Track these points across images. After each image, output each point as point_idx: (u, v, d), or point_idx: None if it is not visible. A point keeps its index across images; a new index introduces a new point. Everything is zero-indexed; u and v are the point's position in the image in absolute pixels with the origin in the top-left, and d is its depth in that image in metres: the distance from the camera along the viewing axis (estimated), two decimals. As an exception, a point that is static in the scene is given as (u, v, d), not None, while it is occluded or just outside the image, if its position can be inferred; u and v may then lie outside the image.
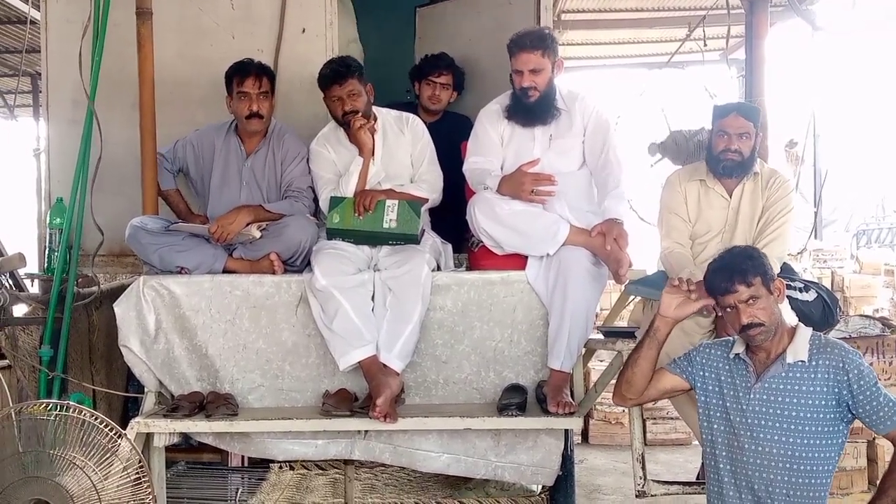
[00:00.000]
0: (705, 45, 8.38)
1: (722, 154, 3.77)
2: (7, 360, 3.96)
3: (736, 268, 2.83)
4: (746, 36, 5.46)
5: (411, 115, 4.40)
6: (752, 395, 2.83)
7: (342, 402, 3.90)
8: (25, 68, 9.17)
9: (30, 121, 11.96)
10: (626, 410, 4.24)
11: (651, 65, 10.85)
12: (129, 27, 4.23)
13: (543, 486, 4.35)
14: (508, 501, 4.64)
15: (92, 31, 4.14)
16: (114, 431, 3.40)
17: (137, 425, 3.77)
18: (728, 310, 2.83)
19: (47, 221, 4.38)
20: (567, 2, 8.64)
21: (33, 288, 4.59)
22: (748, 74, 5.28)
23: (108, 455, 3.36)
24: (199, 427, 3.93)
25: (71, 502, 3.26)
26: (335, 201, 4.06)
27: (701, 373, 2.99)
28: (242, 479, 4.89)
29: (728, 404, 2.90)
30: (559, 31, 9.04)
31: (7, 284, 4.26)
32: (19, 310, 4.21)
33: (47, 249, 4.40)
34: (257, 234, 4.11)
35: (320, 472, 4.84)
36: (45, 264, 4.35)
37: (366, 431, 3.96)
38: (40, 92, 5.73)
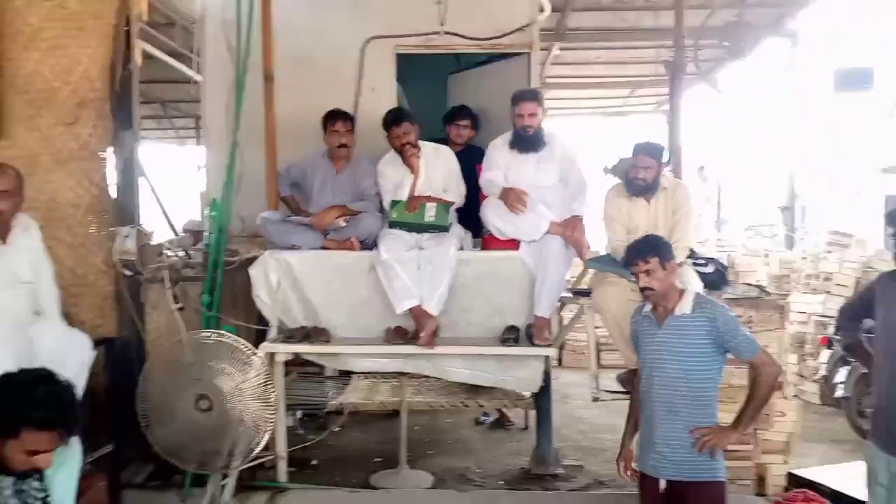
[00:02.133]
0: (640, 100, 8.37)
1: (633, 180, 3.71)
2: (181, 304, 4.03)
3: (641, 249, 2.84)
4: (670, 95, 5.41)
5: (444, 147, 4.42)
6: (656, 339, 2.82)
7: (399, 335, 3.97)
8: (190, 112, 9.28)
9: (193, 147, 12.16)
10: (588, 342, 4.26)
11: (605, 113, 10.83)
12: (258, 86, 4.30)
13: (532, 393, 4.43)
14: (510, 401, 4.74)
15: (235, 88, 4.20)
16: (250, 350, 3.46)
17: (264, 347, 3.83)
18: (634, 276, 2.86)
19: (206, 213, 4.48)
20: (550, 70, 8.62)
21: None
22: (671, 121, 5.24)
23: (246, 366, 3.40)
24: (305, 349, 4.02)
25: (222, 395, 3.33)
26: (394, 203, 4.09)
27: (636, 335, 2.98)
28: (334, 384, 4.99)
29: (643, 347, 2.90)
30: (544, 89, 9.02)
31: (181, 255, 4.34)
32: (188, 272, 4.30)
33: (206, 232, 4.50)
34: (343, 223, 4.14)
35: (384, 380, 4.93)
36: (205, 242, 4.44)
37: (414, 353, 3.99)
38: (201, 128, 5.78)
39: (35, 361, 2.40)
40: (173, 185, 8.28)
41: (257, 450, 3.51)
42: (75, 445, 2.20)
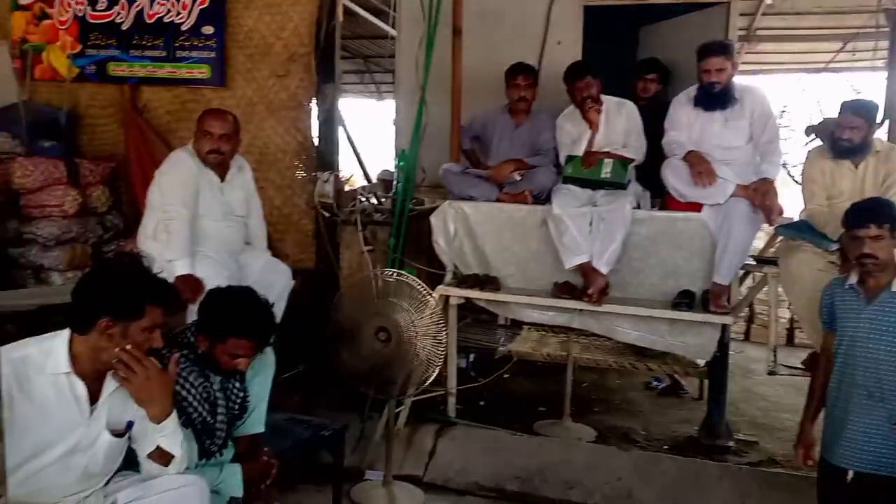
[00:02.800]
0: (854, 55, 7.43)
1: (837, 140, 3.36)
2: (371, 246, 4.36)
3: (874, 210, 2.57)
4: (890, 49, 4.76)
5: (627, 102, 4.28)
6: (862, 315, 2.57)
7: (567, 289, 4.01)
8: (388, 67, 9.77)
9: (390, 101, 12.74)
10: (770, 313, 4.01)
11: (813, 69, 9.75)
12: (447, 40, 4.41)
13: (705, 362, 4.27)
14: (681, 368, 4.61)
15: (425, 44, 4.35)
16: (426, 291, 3.61)
17: (439, 290, 4.06)
18: (855, 240, 2.56)
19: (396, 164, 4.77)
20: (761, 21, 7.90)
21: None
22: (890, 77, 4.62)
23: (422, 305, 3.56)
24: (475, 294, 4.18)
25: (399, 329, 3.57)
26: (570, 158, 4.07)
27: (830, 310, 2.73)
28: (505, 332, 5.14)
29: (844, 323, 2.65)
30: (751, 42, 8.31)
31: (373, 201, 4.70)
32: (378, 216, 4.64)
33: (395, 182, 4.79)
34: (517, 177, 4.21)
35: (553, 334, 5.00)
36: (393, 190, 4.75)
37: (581, 310, 4.01)
38: (394, 82, 6.08)
39: (244, 284, 2.77)
40: (370, 137, 8.85)
41: (428, 383, 3.77)
42: (270, 357, 2.55)
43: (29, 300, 3.67)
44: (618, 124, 4.15)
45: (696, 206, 3.86)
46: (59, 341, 1.83)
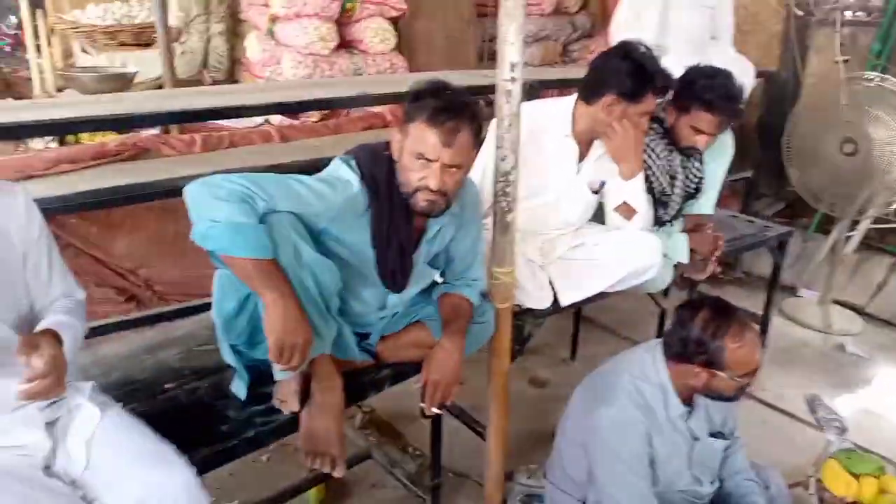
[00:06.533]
0: None
1: None
2: (846, 57, 3.84)
3: None
4: None
5: None
6: None
7: None
8: None
9: None
10: None
11: None
12: None
13: None
14: None
15: None
16: None
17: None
18: None
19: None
20: None
21: None
22: None
23: None
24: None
25: (870, 142, 3.24)
26: None
27: None
28: None
29: None
30: None
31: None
32: (861, 15, 4.01)
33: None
34: None
35: None
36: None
37: None
38: None
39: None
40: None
41: (893, 209, 3.39)
42: (729, 145, 2.58)
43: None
44: None
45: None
46: (565, 105, 2.14)
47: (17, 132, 2.09)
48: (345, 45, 4.04)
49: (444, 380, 1.70)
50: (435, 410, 1.74)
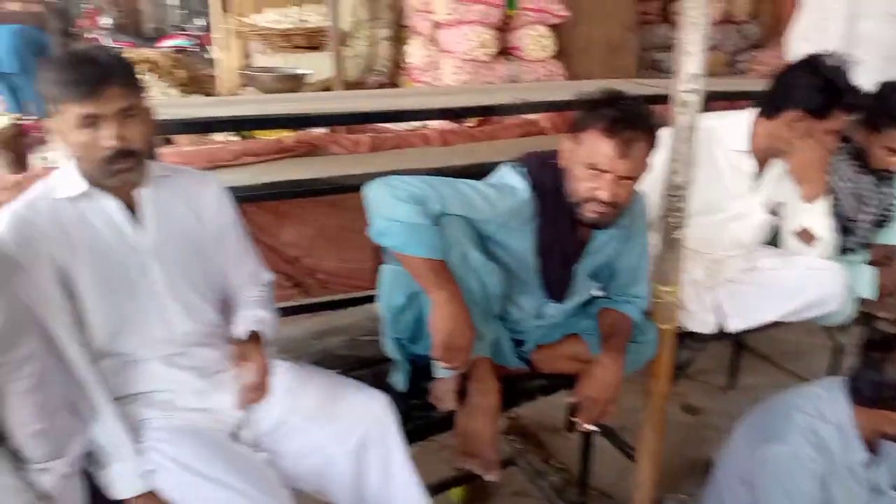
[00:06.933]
0: None
1: None
2: None
3: None
4: None
5: None
6: None
7: None
8: None
9: None
10: None
11: None
12: None
13: None
14: None
15: None
16: None
17: None
18: None
19: None
20: None
21: None
22: None
23: None
24: None
25: None
26: None
27: None
28: None
29: None
30: None
31: None
32: None
33: None
34: None
35: None
36: None
37: None
38: None
39: None
40: None
41: None
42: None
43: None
44: None
45: None
46: (742, 119, 2.02)
47: (222, 126, 2.29)
48: (502, 51, 4.07)
49: (602, 397, 1.65)
50: (589, 427, 1.70)
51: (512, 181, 1.60)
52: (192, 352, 1.44)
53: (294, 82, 3.73)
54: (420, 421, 1.63)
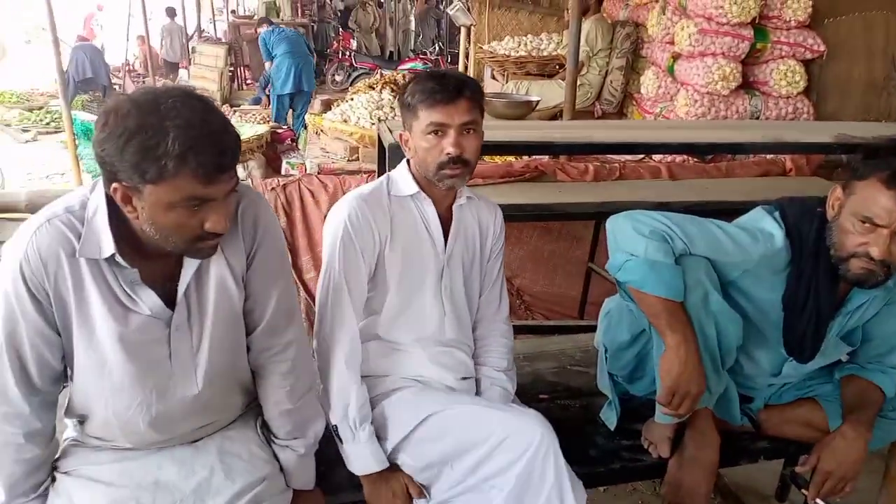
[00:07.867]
0: None
1: None
2: None
3: None
4: None
5: None
6: None
7: None
8: None
9: None
10: None
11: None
12: None
13: None
14: None
15: None
16: None
17: None
18: None
19: None
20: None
21: None
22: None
23: None
24: None
25: None
26: None
27: None
28: None
29: None
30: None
31: None
32: None
33: None
34: None
35: None
36: None
37: None
38: None
39: None
40: None
41: None
42: None
43: None
44: None
45: None
46: None
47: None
48: (743, 84, 3.84)
49: (840, 472, 1.49)
50: (819, 502, 1.54)
51: (766, 226, 1.49)
52: (452, 353, 1.56)
53: (525, 108, 3.81)
54: (627, 462, 1.59)
